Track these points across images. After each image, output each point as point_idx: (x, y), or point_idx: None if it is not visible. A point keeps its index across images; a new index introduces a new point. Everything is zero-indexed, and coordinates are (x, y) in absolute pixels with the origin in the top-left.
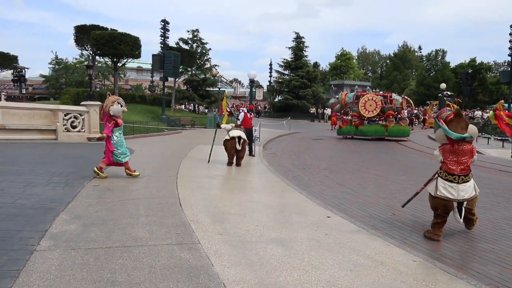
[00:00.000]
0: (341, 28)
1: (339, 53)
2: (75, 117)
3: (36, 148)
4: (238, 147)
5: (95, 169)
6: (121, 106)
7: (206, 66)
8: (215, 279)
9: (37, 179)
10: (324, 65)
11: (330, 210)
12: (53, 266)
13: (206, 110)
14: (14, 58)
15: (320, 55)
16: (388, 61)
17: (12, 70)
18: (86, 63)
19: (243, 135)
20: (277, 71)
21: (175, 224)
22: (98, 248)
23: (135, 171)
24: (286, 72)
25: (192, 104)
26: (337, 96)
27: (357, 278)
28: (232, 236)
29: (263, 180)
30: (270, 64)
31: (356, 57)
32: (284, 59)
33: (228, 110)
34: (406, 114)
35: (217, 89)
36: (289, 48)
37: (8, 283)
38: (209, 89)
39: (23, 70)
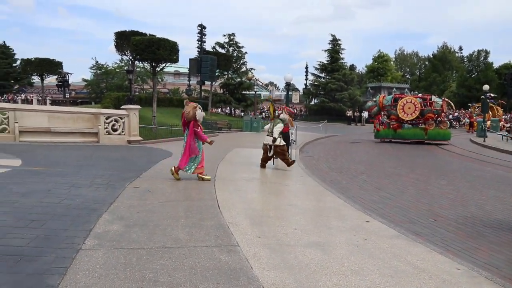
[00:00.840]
0: (378, 29)
1: (376, 55)
2: (116, 121)
3: (79, 150)
4: (269, 153)
5: (198, 176)
6: (201, 111)
7: (242, 70)
8: (254, 282)
9: (81, 181)
10: (361, 68)
11: (369, 215)
12: (98, 264)
13: (242, 113)
14: (59, 64)
15: (357, 57)
16: (427, 63)
17: (56, 76)
18: (125, 68)
19: (270, 142)
20: (313, 74)
21: (214, 226)
22: (140, 249)
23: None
24: (322, 75)
25: (228, 108)
26: (374, 99)
27: (399, 285)
28: (270, 239)
29: (300, 184)
30: (306, 67)
31: (394, 59)
32: (320, 61)
33: (276, 114)
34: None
35: (253, 92)
36: (325, 50)
37: (57, 280)
38: (245, 92)
39: (67, 76)
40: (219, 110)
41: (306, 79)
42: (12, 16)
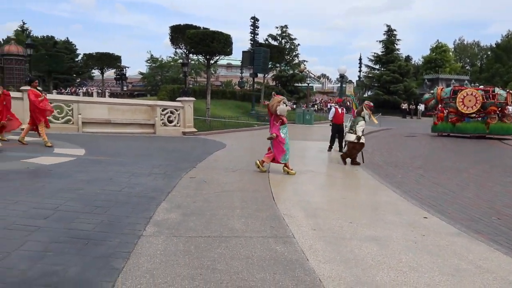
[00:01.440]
0: (435, 19)
1: (433, 46)
2: (171, 112)
3: (137, 141)
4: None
5: (257, 162)
6: (286, 105)
7: (294, 62)
8: (310, 274)
9: (139, 170)
10: (417, 59)
11: (427, 211)
12: (159, 250)
13: (295, 106)
14: (118, 58)
15: (412, 48)
16: (489, 53)
17: (114, 69)
18: (180, 61)
19: (354, 139)
20: (367, 66)
21: (269, 218)
22: (198, 237)
23: (292, 169)
24: (377, 66)
25: None
26: (432, 91)
27: (460, 284)
28: (325, 232)
29: (354, 177)
30: (360, 59)
31: (453, 49)
32: (375, 53)
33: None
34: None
35: (306, 84)
36: (380, 41)
37: (121, 263)
38: (297, 84)
39: (124, 69)
40: None
41: (360, 71)
42: (74, 14)
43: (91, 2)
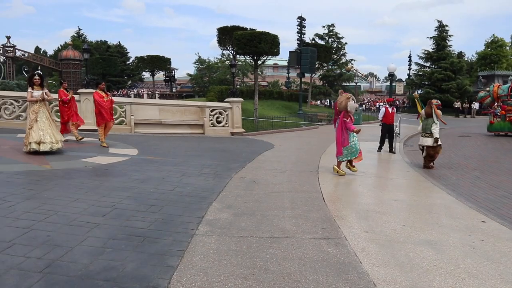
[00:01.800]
0: (490, 12)
1: (489, 41)
2: (220, 113)
3: (187, 141)
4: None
5: (335, 167)
6: (354, 102)
7: (341, 61)
8: (364, 277)
9: (190, 170)
10: (470, 55)
11: (485, 214)
12: (211, 250)
13: None
14: (168, 61)
15: (466, 44)
16: None
17: (163, 71)
18: (227, 62)
19: (431, 143)
20: (417, 64)
21: (320, 219)
22: (250, 237)
23: (354, 167)
24: (427, 64)
25: (327, 100)
26: (488, 89)
27: None
28: (378, 235)
29: (405, 178)
30: (409, 56)
31: (510, 44)
32: (425, 50)
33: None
34: None
35: (353, 84)
36: (430, 38)
37: (176, 261)
38: (345, 84)
39: (173, 71)
40: (318, 102)
41: (410, 69)
42: (125, 19)
43: (141, 7)
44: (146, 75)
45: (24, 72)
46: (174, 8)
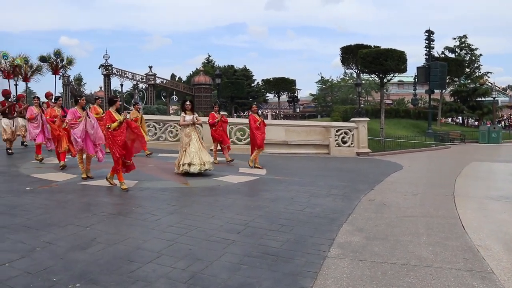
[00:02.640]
0: None
1: None
2: (345, 133)
3: (313, 161)
4: None
5: None
6: None
7: (475, 75)
8: None
9: (318, 190)
10: None
11: None
12: (344, 274)
13: (476, 123)
14: (292, 82)
15: None
16: None
17: (286, 92)
18: (349, 81)
19: None
20: None
21: (461, 248)
22: (384, 263)
23: None
24: None
25: (460, 117)
26: None
27: None
28: None
29: None
30: None
31: None
32: None
33: None
34: None
35: (491, 98)
36: None
37: (309, 283)
38: (480, 99)
39: (296, 91)
40: (449, 120)
41: None
42: (250, 43)
43: (265, 31)
44: (270, 96)
45: (162, 97)
46: (295, 30)
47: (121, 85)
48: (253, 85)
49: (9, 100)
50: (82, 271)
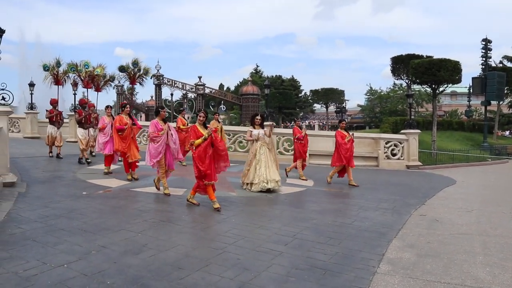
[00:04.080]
0: None
1: None
2: (395, 145)
3: (361, 173)
4: None
5: None
6: None
7: None
8: None
9: (367, 204)
10: None
11: None
12: None
13: None
14: (341, 93)
15: None
16: None
17: (334, 102)
18: (399, 92)
19: None
20: None
21: None
22: (437, 282)
23: None
24: None
25: None
26: None
27: None
28: None
29: None
30: None
31: None
32: None
33: None
34: None
35: None
36: None
37: None
38: None
39: (344, 102)
40: (507, 133)
41: None
42: (298, 53)
43: (314, 41)
44: (317, 106)
45: (210, 106)
46: (345, 40)
47: (171, 94)
48: (300, 95)
49: (85, 109)
50: (134, 276)
